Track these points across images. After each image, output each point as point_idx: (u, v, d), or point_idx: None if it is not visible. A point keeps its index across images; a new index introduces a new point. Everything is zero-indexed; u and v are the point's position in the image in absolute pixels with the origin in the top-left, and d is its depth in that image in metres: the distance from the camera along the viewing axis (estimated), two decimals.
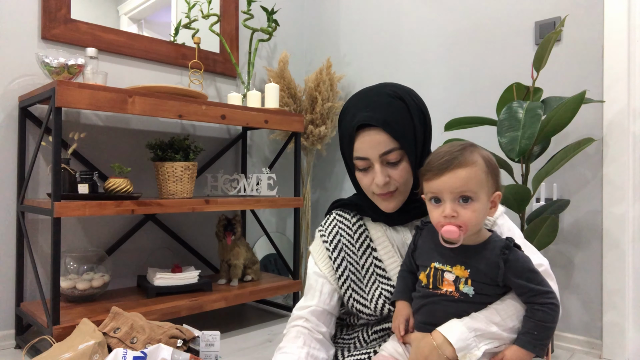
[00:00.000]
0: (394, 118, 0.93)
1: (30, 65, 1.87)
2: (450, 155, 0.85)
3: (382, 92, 0.97)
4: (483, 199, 0.84)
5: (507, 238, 0.88)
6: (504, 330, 0.83)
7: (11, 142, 1.84)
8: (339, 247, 1.05)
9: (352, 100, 1.00)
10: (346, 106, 1.02)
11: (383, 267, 1.03)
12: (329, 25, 2.80)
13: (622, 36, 1.73)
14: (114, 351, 1.18)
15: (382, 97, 0.96)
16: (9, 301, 1.83)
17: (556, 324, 0.83)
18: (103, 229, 2.07)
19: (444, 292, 0.86)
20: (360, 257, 1.04)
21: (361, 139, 0.95)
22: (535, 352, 0.81)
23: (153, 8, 2.26)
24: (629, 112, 1.72)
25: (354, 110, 0.97)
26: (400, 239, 1.04)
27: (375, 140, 0.93)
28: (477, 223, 0.84)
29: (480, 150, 0.87)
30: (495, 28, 2.09)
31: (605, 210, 1.77)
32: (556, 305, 0.83)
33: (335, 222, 1.09)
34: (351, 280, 1.02)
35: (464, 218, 0.83)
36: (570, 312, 1.86)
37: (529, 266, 0.85)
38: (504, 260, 0.83)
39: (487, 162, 0.86)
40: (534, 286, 0.83)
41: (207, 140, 2.42)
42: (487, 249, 0.86)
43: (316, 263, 1.06)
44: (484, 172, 0.84)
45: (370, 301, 1.00)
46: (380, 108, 0.94)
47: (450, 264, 0.87)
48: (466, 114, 2.16)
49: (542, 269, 0.91)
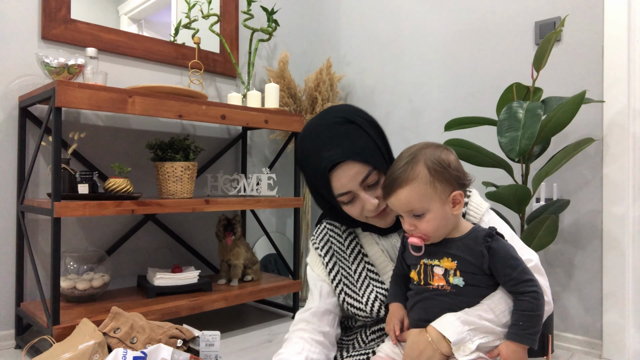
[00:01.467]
0: (356, 144, 0.93)
1: (30, 65, 1.87)
2: (393, 174, 0.88)
3: (330, 124, 0.95)
4: (435, 207, 0.86)
5: (490, 227, 0.90)
6: (498, 325, 0.85)
7: (11, 142, 1.84)
8: (330, 253, 1.07)
9: (306, 143, 0.97)
10: (303, 151, 0.98)
11: (376, 271, 1.04)
12: (329, 25, 2.80)
13: (622, 36, 1.73)
14: (114, 351, 1.18)
15: (333, 128, 0.94)
16: (9, 301, 1.83)
17: (541, 312, 0.84)
18: (103, 229, 2.07)
19: (436, 286, 0.88)
20: (352, 262, 1.06)
21: (336, 177, 0.93)
22: (525, 343, 0.83)
23: (153, 8, 2.26)
24: (629, 112, 1.72)
25: (313, 154, 0.95)
26: (390, 244, 1.05)
27: (351, 173, 0.93)
28: (436, 229, 0.87)
29: (425, 157, 0.87)
30: (495, 28, 2.09)
31: (605, 210, 1.77)
32: (538, 294, 0.84)
33: (326, 230, 1.11)
34: (344, 284, 1.04)
35: (421, 230, 0.88)
36: (570, 312, 1.86)
37: (511, 253, 0.86)
38: (487, 248, 0.86)
39: (432, 169, 0.86)
40: (516, 274, 0.84)
41: (207, 140, 2.42)
42: (471, 238, 0.89)
43: (313, 270, 1.09)
44: (426, 184, 0.86)
45: (365, 304, 1.01)
46: (339, 140, 0.93)
47: (437, 258, 0.89)
48: (466, 114, 2.16)
49: (532, 264, 0.93)
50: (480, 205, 1.01)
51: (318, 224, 1.14)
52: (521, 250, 0.92)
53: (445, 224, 0.88)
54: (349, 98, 2.68)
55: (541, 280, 0.90)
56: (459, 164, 0.90)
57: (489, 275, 0.87)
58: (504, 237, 0.90)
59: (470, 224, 0.94)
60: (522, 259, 0.87)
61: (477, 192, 1.05)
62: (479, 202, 1.02)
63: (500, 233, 0.90)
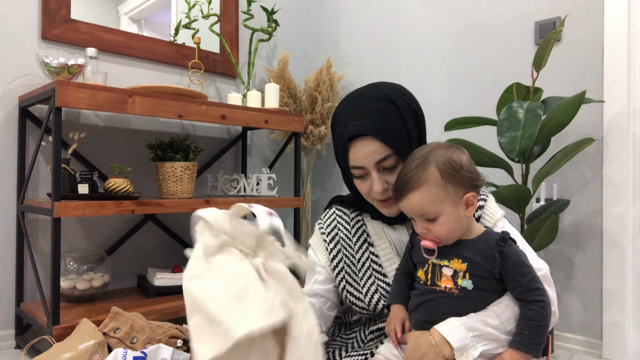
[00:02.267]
0: (385, 124, 0.92)
1: (30, 65, 1.87)
2: (404, 177, 0.87)
3: (371, 96, 0.95)
4: (448, 210, 0.85)
5: (503, 231, 0.89)
6: (502, 333, 0.83)
7: (11, 142, 1.84)
8: (335, 240, 1.07)
9: (342, 107, 0.99)
10: (337, 113, 1.00)
11: (379, 263, 1.03)
12: (329, 25, 2.80)
13: (622, 36, 1.73)
14: (114, 351, 1.18)
15: (371, 102, 0.94)
16: (9, 301, 1.83)
17: (548, 323, 0.83)
18: (103, 229, 2.07)
19: (443, 288, 0.87)
20: (357, 251, 1.05)
21: (355, 149, 0.94)
22: (529, 352, 0.82)
23: (153, 8, 2.26)
24: (629, 112, 1.72)
25: (344, 119, 0.96)
26: (397, 237, 1.04)
27: (369, 149, 0.92)
28: (450, 232, 0.86)
29: (436, 159, 0.86)
30: (495, 28, 2.09)
31: (605, 210, 1.77)
32: (546, 304, 0.83)
33: (335, 216, 1.10)
34: (345, 272, 1.04)
35: (434, 233, 0.86)
36: (570, 312, 1.86)
37: (522, 260, 0.85)
38: (499, 252, 0.84)
39: (444, 171, 0.85)
40: (526, 281, 0.83)
41: (207, 140, 2.42)
42: (483, 241, 0.87)
43: (316, 255, 1.09)
44: (438, 186, 0.84)
45: (365, 295, 1.01)
46: (371, 115, 0.92)
47: (447, 258, 0.88)
48: (466, 114, 2.16)
49: (542, 273, 0.91)
50: (496, 212, 1.00)
51: (327, 208, 1.13)
52: (532, 260, 0.90)
53: (459, 227, 0.87)
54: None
55: (549, 291, 0.89)
56: (472, 165, 0.88)
57: (498, 280, 0.85)
58: (516, 243, 0.89)
59: (482, 227, 0.92)
60: (533, 267, 0.86)
61: (493, 198, 1.03)
62: (494, 208, 1.00)
63: (513, 239, 0.88)
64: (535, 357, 0.83)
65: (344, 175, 1.04)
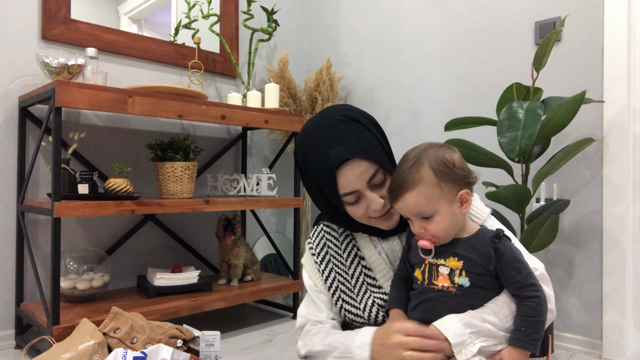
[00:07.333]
0: (363, 142, 0.92)
1: (30, 65, 1.87)
2: (399, 178, 0.88)
3: (334, 122, 0.94)
4: (443, 208, 0.87)
5: (497, 229, 0.90)
6: (500, 329, 0.84)
7: (11, 142, 1.84)
8: (326, 259, 1.06)
9: (308, 142, 0.95)
10: (303, 151, 0.96)
11: (373, 276, 1.03)
12: (329, 25, 2.80)
13: (622, 36, 1.73)
14: (114, 351, 1.18)
15: (338, 126, 0.93)
16: (9, 301, 1.83)
17: (544, 318, 0.85)
18: (103, 229, 2.07)
19: (440, 287, 0.88)
20: (349, 266, 1.04)
21: (343, 176, 0.91)
22: (527, 349, 0.83)
23: (153, 8, 2.26)
24: (629, 112, 1.72)
25: (318, 152, 0.93)
26: (389, 247, 1.04)
27: (358, 171, 0.91)
28: (446, 230, 0.88)
29: (429, 158, 0.87)
30: (495, 28, 2.09)
31: (605, 210, 1.77)
32: (541, 299, 0.84)
33: (323, 233, 1.09)
34: (341, 291, 1.03)
35: (431, 231, 0.88)
36: (570, 312, 1.86)
37: (517, 257, 0.87)
38: (494, 249, 0.86)
39: (437, 170, 0.86)
40: (521, 277, 0.85)
41: (207, 140, 2.42)
42: (478, 239, 0.89)
43: (310, 277, 1.07)
44: (432, 185, 0.86)
45: (363, 310, 1.00)
46: (346, 138, 0.91)
47: (443, 257, 0.89)
48: (466, 114, 2.16)
49: (538, 273, 0.92)
50: (482, 210, 1.00)
51: (315, 225, 1.12)
52: (526, 258, 0.91)
53: (455, 224, 0.88)
54: (349, 98, 2.68)
55: (546, 289, 0.89)
56: (464, 163, 0.90)
57: (495, 277, 0.87)
58: (510, 240, 0.90)
59: (477, 225, 0.94)
60: (528, 264, 0.87)
61: (477, 197, 1.03)
62: (480, 206, 1.01)
63: (508, 236, 0.90)
64: (533, 353, 0.84)
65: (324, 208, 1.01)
